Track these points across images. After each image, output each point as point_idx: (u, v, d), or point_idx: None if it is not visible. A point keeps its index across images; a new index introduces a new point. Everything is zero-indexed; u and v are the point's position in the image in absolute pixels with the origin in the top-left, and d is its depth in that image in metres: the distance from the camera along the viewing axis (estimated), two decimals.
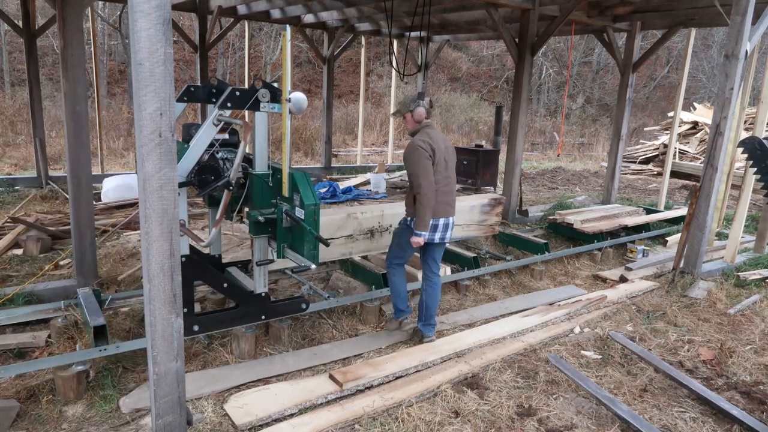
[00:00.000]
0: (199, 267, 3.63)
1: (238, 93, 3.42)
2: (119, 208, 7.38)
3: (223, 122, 3.41)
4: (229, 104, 3.40)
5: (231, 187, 3.47)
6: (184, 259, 3.40)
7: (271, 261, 3.79)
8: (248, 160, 3.78)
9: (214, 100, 3.53)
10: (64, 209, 7.27)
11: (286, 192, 3.56)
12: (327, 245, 3.51)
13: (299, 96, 3.52)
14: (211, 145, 3.49)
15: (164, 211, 2.34)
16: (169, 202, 2.35)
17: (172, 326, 2.47)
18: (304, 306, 4.11)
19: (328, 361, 3.93)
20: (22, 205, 7.37)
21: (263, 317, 3.93)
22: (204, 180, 3.43)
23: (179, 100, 3.56)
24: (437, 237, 4.08)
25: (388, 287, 4.42)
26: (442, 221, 4.06)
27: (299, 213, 3.47)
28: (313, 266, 3.48)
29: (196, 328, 3.63)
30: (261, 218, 3.58)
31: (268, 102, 3.54)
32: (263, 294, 3.87)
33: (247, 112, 3.58)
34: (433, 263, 4.25)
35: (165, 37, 2.19)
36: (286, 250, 3.64)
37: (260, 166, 3.65)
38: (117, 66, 20.22)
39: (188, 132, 3.70)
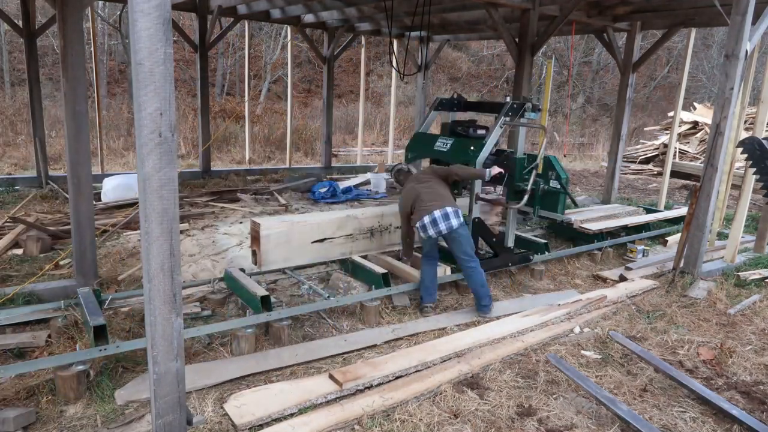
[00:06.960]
0: (484, 227, 5.52)
1: (515, 105, 5.37)
2: (119, 208, 7.38)
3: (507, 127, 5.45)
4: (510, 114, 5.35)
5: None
6: (477, 220, 5.40)
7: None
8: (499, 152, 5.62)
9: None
10: (64, 209, 7.27)
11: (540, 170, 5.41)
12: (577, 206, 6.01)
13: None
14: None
15: (164, 210, 2.34)
16: (170, 202, 2.35)
17: (172, 326, 2.47)
18: (531, 257, 5.84)
19: (324, 356, 3.93)
20: (22, 205, 7.37)
21: (510, 264, 5.71)
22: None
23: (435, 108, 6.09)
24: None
25: (474, 283, 4.80)
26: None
27: (554, 184, 5.42)
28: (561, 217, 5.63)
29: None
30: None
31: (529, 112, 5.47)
32: (511, 247, 5.85)
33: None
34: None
35: (165, 37, 2.19)
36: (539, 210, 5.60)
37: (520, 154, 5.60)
38: (117, 66, 20.23)
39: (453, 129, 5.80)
